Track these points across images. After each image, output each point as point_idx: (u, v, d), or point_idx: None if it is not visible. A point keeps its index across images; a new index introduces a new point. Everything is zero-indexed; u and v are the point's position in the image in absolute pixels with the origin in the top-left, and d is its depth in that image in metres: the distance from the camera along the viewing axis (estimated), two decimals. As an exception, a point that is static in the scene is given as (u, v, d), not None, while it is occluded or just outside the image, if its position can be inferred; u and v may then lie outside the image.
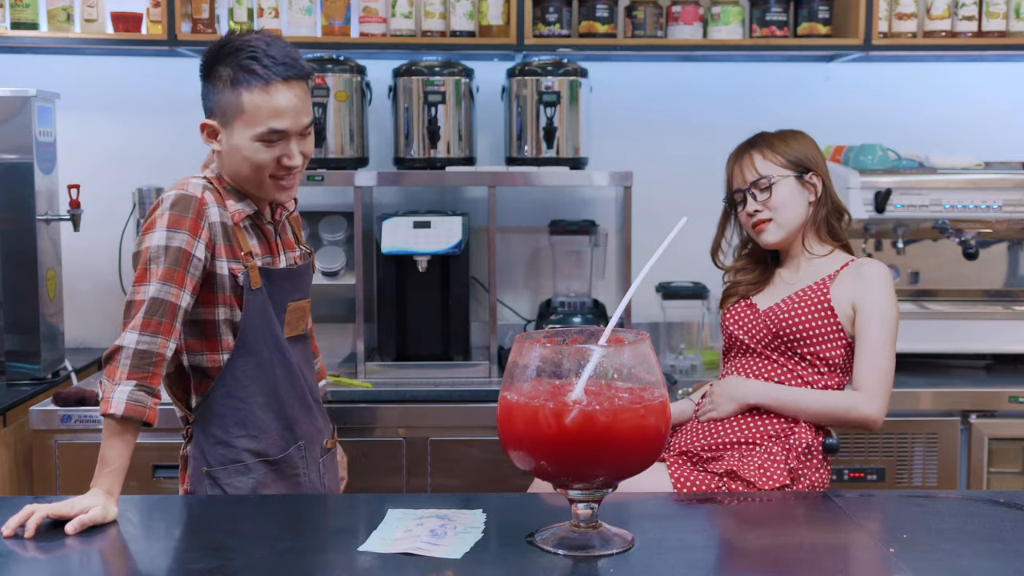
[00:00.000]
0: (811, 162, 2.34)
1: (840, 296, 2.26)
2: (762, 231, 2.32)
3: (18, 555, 1.66)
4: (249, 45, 1.98)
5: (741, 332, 2.33)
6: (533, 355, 1.61)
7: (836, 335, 2.25)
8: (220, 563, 1.60)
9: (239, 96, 1.97)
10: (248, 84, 1.96)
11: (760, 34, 3.34)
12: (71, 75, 3.48)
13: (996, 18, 3.32)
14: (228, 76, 1.98)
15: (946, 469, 2.97)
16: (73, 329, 3.39)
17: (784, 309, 2.27)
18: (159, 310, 1.92)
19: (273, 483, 2.09)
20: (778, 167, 2.32)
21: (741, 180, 2.35)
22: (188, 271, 1.96)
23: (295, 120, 2.00)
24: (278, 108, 1.98)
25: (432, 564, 1.58)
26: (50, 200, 3.13)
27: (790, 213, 2.31)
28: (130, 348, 1.89)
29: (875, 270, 2.28)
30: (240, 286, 2.03)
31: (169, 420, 2.73)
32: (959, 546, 1.68)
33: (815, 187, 2.33)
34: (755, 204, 2.32)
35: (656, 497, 2.01)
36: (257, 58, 1.97)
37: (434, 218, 3.20)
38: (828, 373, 2.26)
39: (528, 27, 3.22)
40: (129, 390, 1.87)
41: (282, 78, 1.97)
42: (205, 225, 1.99)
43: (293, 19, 3.27)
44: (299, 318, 2.17)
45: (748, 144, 2.38)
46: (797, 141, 2.36)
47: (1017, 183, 3.15)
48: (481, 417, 2.90)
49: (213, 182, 2.07)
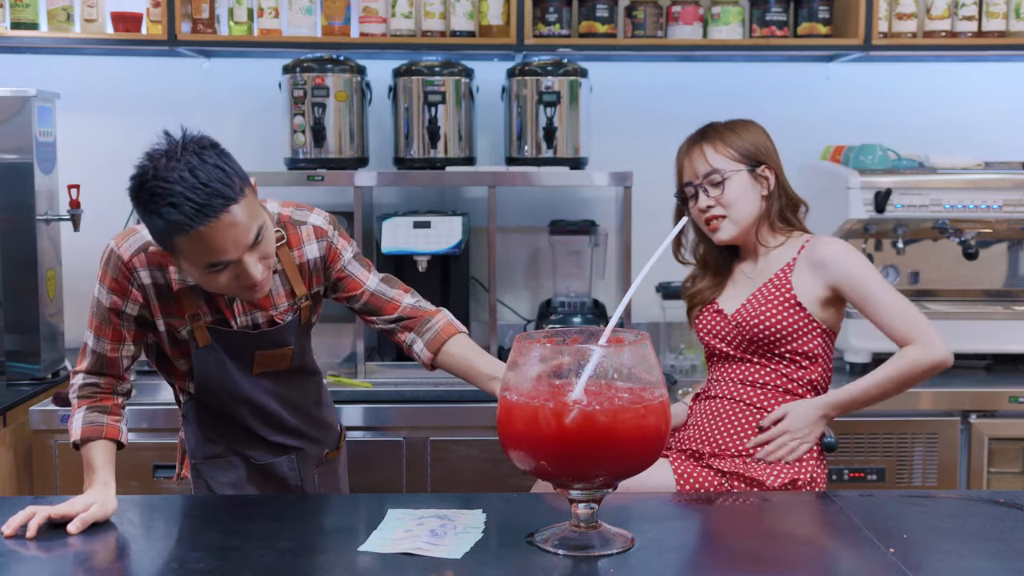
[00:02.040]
0: (763, 154, 2.28)
1: (803, 287, 2.21)
2: (716, 228, 2.27)
3: (19, 555, 1.66)
4: (166, 189, 1.74)
5: (716, 341, 2.30)
6: (533, 355, 1.61)
7: (809, 327, 2.21)
8: (220, 563, 1.60)
9: (172, 243, 1.78)
10: (175, 232, 1.75)
11: (760, 34, 3.34)
12: (71, 75, 3.48)
13: (996, 18, 3.32)
14: (155, 225, 1.78)
15: (946, 469, 2.97)
16: (73, 329, 3.39)
17: (751, 313, 2.22)
18: (99, 362, 2.00)
19: (260, 482, 2.10)
20: (730, 160, 2.25)
21: (692, 173, 2.29)
22: (123, 325, 1.97)
23: (236, 247, 1.78)
24: (215, 247, 1.77)
25: (432, 564, 1.58)
26: (50, 200, 3.13)
27: (743, 209, 2.25)
28: (76, 384, 2.01)
29: (831, 248, 2.21)
30: (178, 340, 2.00)
31: (169, 420, 2.75)
32: (959, 546, 1.68)
33: (767, 180, 2.27)
34: (707, 199, 2.26)
35: (656, 497, 2.01)
36: (176, 205, 1.73)
37: (434, 218, 3.20)
38: (810, 366, 2.23)
39: (528, 27, 3.22)
40: (82, 415, 1.95)
41: (213, 218, 1.74)
42: (133, 287, 1.93)
43: (293, 19, 3.27)
44: (276, 360, 2.06)
45: (699, 136, 2.31)
46: (749, 132, 2.29)
47: (1017, 183, 3.15)
48: (481, 417, 2.90)
49: None
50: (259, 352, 2.02)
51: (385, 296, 2.11)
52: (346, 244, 2.10)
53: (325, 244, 2.06)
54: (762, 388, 2.24)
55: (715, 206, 2.25)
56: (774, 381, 2.24)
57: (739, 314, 2.24)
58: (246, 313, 2.00)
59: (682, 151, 2.34)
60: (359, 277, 2.10)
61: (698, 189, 2.27)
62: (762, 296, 2.24)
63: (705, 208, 2.27)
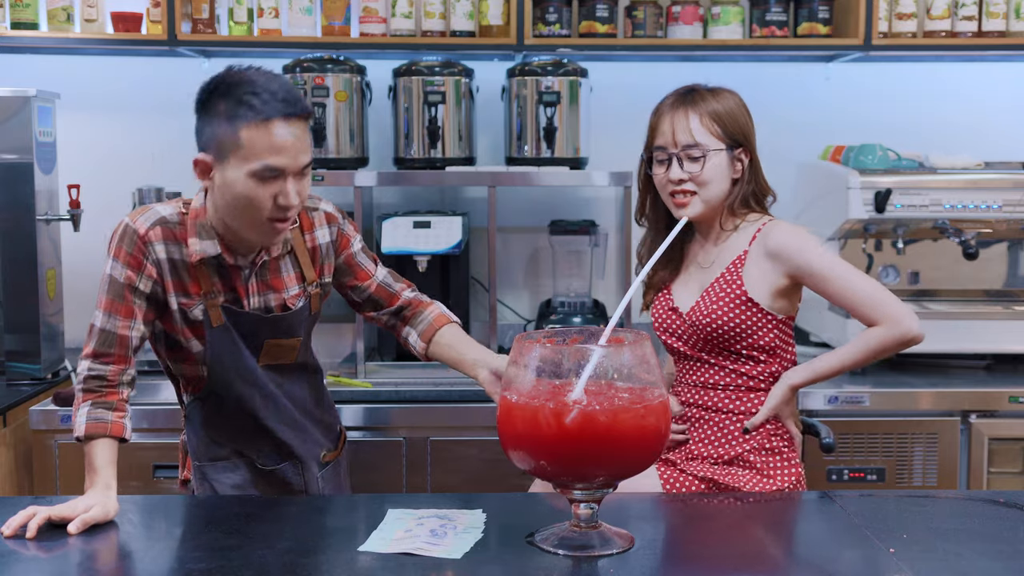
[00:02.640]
0: (743, 136, 2.16)
1: (755, 280, 2.12)
2: (683, 204, 2.14)
3: (19, 555, 1.66)
4: (248, 79, 1.88)
5: (673, 339, 2.23)
6: (533, 355, 1.61)
7: (763, 321, 2.13)
8: (220, 563, 1.60)
9: (236, 131, 1.85)
10: (246, 119, 1.85)
11: (760, 34, 3.34)
12: (71, 75, 3.49)
13: (996, 18, 3.32)
14: (225, 110, 1.87)
15: (946, 469, 2.97)
16: (73, 329, 3.39)
17: (705, 312, 2.15)
18: (107, 341, 1.95)
19: (263, 486, 2.10)
20: (713, 138, 2.13)
21: (670, 140, 2.14)
22: (135, 302, 1.95)
23: (293, 159, 1.87)
24: (276, 145, 1.85)
25: (432, 564, 1.58)
26: (50, 200, 3.13)
27: (716, 189, 2.14)
28: (82, 375, 1.96)
29: (784, 237, 2.11)
30: (191, 320, 2.00)
31: (169, 420, 2.75)
32: (959, 546, 1.68)
33: (742, 163, 2.16)
34: (681, 173, 2.13)
35: (656, 497, 2.01)
36: (257, 93, 1.85)
37: (434, 218, 3.20)
38: (768, 359, 2.16)
39: (528, 27, 3.22)
40: (87, 411, 1.92)
41: (282, 115, 1.86)
42: (148, 261, 1.95)
43: (293, 19, 3.27)
44: (283, 353, 2.09)
45: (684, 100, 2.17)
46: (737, 109, 2.18)
47: (1017, 183, 3.15)
48: (481, 417, 2.90)
49: (184, 215, 1.99)
50: (269, 341, 2.05)
51: (391, 288, 2.19)
52: (355, 233, 2.17)
53: (336, 230, 2.12)
54: (723, 390, 2.18)
55: (688, 181, 2.13)
56: (735, 382, 2.17)
57: (694, 313, 2.17)
58: (259, 293, 2.03)
59: (662, 112, 2.19)
60: (368, 268, 2.18)
61: (672, 158, 2.14)
62: (713, 293, 2.16)
63: (677, 181, 2.14)
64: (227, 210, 1.92)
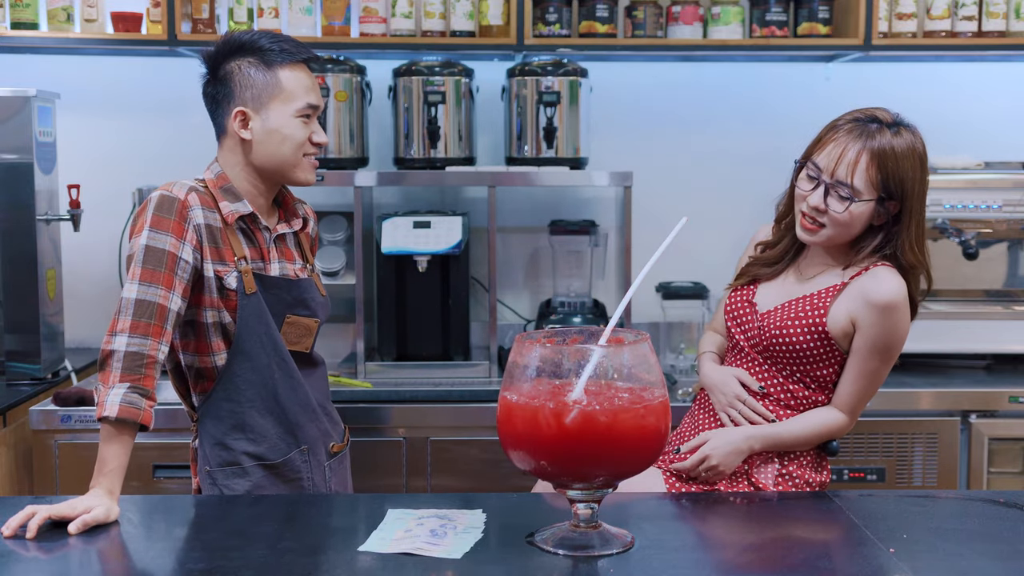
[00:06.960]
0: (899, 189, 2.05)
1: (837, 315, 2.08)
2: (809, 230, 2.10)
3: (19, 555, 1.66)
4: (257, 34, 2.06)
5: (738, 331, 2.22)
6: (533, 355, 1.61)
7: (829, 356, 2.11)
8: (220, 563, 1.60)
9: (275, 75, 2.04)
10: (282, 62, 2.04)
11: (760, 34, 3.34)
12: (71, 75, 3.48)
13: (996, 18, 3.32)
14: (256, 60, 2.04)
15: (946, 469, 2.98)
16: (73, 329, 3.39)
17: (778, 323, 2.13)
18: (147, 312, 1.91)
19: (272, 487, 2.09)
20: (871, 186, 2.04)
21: (829, 167, 2.05)
22: (176, 273, 1.95)
23: (319, 99, 2.09)
24: (310, 84, 2.08)
25: (432, 564, 1.58)
26: (50, 200, 3.13)
27: (845, 233, 2.09)
28: (120, 351, 1.89)
29: (887, 300, 2.04)
30: (225, 288, 2.02)
31: (169, 420, 2.74)
32: (959, 546, 1.68)
33: (887, 212, 2.07)
34: (821, 203, 2.06)
35: (656, 497, 2.01)
36: (277, 40, 2.05)
37: (434, 218, 3.20)
38: (817, 390, 2.15)
39: (528, 27, 3.22)
40: (123, 392, 1.87)
41: (304, 58, 2.08)
42: (189, 227, 1.98)
43: (293, 19, 3.27)
44: (301, 335, 2.13)
45: (863, 133, 2.06)
46: (910, 154, 2.06)
47: (1017, 183, 3.16)
48: (481, 417, 2.90)
49: (208, 184, 2.06)
50: (289, 318, 2.10)
51: None
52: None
53: (316, 230, 2.31)
54: (763, 397, 2.17)
55: (824, 213, 2.07)
56: (778, 395, 2.16)
57: (767, 317, 2.15)
58: (279, 260, 2.12)
59: (838, 132, 2.08)
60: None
61: (823, 184, 2.07)
62: (793, 310, 2.12)
63: (814, 207, 2.08)
64: (271, 156, 2.06)
